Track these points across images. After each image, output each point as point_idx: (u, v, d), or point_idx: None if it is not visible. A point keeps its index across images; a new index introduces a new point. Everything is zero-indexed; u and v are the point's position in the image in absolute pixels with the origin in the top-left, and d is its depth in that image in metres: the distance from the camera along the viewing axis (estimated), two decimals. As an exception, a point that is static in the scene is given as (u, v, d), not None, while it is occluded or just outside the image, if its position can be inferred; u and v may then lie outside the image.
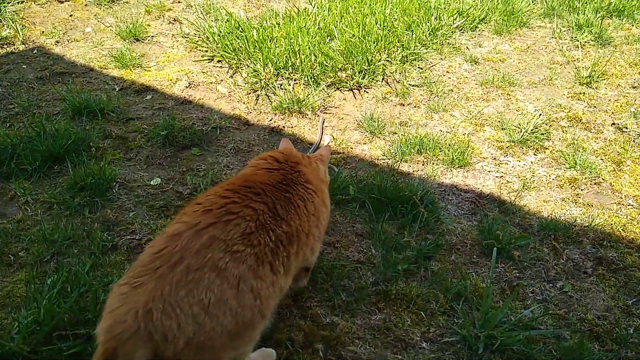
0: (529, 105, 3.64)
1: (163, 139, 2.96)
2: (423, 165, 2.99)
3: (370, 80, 3.77)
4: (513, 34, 4.73)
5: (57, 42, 3.97)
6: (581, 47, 4.53)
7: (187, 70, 3.75)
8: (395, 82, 3.81)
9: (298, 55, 3.78)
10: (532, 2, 5.42)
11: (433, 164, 3.00)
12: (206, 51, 4.02)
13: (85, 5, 4.58)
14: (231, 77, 3.74)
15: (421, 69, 4.00)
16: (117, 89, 3.49)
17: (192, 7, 4.70)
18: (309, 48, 3.83)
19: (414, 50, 4.13)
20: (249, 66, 3.79)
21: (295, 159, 1.86)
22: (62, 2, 4.57)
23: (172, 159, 2.91)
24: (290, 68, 3.74)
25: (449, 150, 3.03)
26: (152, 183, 2.72)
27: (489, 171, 2.97)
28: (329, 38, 4.15)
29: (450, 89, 3.77)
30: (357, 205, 2.61)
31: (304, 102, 3.39)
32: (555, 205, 2.76)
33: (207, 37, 4.11)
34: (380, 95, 3.63)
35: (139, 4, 4.66)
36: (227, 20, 4.22)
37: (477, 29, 4.78)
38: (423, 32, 4.39)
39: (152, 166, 2.85)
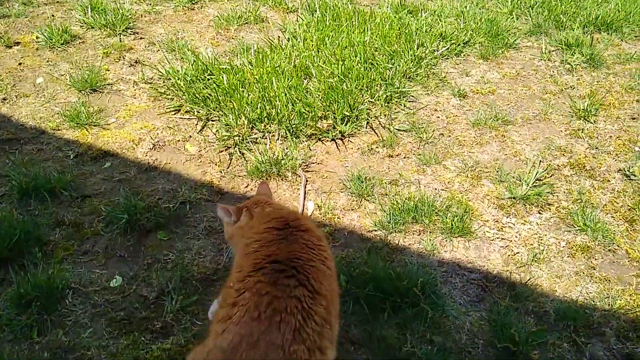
0: (526, 148, 3.30)
1: (124, 224, 2.54)
2: (419, 235, 2.63)
3: (354, 127, 3.40)
4: (500, 57, 4.40)
5: (4, 99, 3.51)
6: (573, 70, 4.21)
7: (152, 127, 3.33)
8: (381, 127, 3.44)
9: (273, 104, 3.38)
10: (517, 18, 5.09)
11: (430, 233, 2.64)
12: (171, 99, 3.60)
13: (37, 49, 4.10)
14: (200, 131, 3.33)
15: (407, 108, 3.64)
16: (71, 156, 3.06)
17: (154, 44, 4.25)
18: (285, 94, 3.43)
19: (399, 87, 3.75)
20: (219, 119, 3.38)
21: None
22: (11, 47, 4.09)
23: (135, 247, 2.51)
24: (265, 119, 3.34)
25: (446, 217, 2.68)
26: (111, 285, 2.32)
27: (492, 239, 2.63)
28: (305, 79, 3.75)
29: (440, 132, 3.41)
30: (351, 302, 2.24)
31: (282, 163, 2.99)
32: (569, 282, 2.43)
33: (172, 83, 3.67)
34: (366, 145, 3.25)
35: (96, 45, 4.20)
36: (194, 62, 3.79)
37: (462, 54, 4.44)
38: (406, 63, 4.02)
39: (112, 260, 2.44)
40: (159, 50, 4.22)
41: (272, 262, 1.52)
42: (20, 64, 3.88)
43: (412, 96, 3.79)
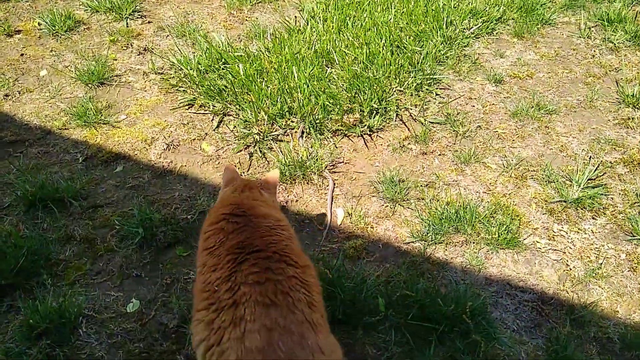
0: (573, 141, 3.00)
1: (140, 239, 2.31)
2: (462, 247, 2.38)
3: (383, 121, 3.10)
4: (536, 36, 4.03)
5: (7, 95, 3.25)
6: (616, 49, 3.85)
7: (164, 124, 3.06)
8: (412, 119, 3.14)
9: (295, 96, 3.09)
10: (551, -10, 4.67)
11: (475, 244, 2.39)
12: (184, 91, 3.32)
13: (39, 37, 3.81)
14: (217, 128, 3.06)
15: (439, 96, 3.32)
16: (80, 160, 2.81)
17: (163, 29, 3.94)
18: (307, 85, 3.13)
19: (430, 72, 3.43)
20: (237, 114, 3.10)
21: (247, 200, 1.75)
22: (12, 36, 3.81)
23: (153, 265, 2.28)
24: (286, 114, 3.05)
25: (491, 225, 2.41)
26: (128, 310, 2.11)
27: (544, 251, 2.36)
28: (328, 66, 3.44)
29: (477, 124, 3.11)
30: (392, 330, 2.01)
31: (308, 165, 2.72)
32: (632, 301, 2.17)
33: (184, 74, 3.39)
34: (397, 141, 2.97)
35: (101, 31, 3.90)
36: (207, 50, 3.49)
37: (495, 32, 4.08)
38: (436, 45, 3.68)
39: (128, 280, 2.22)
40: (168, 35, 3.91)
41: (252, 252, 1.47)
42: (22, 54, 3.61)
43: (444, 83, 3.46)
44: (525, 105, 3.22)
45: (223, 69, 3.43)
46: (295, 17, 4.16)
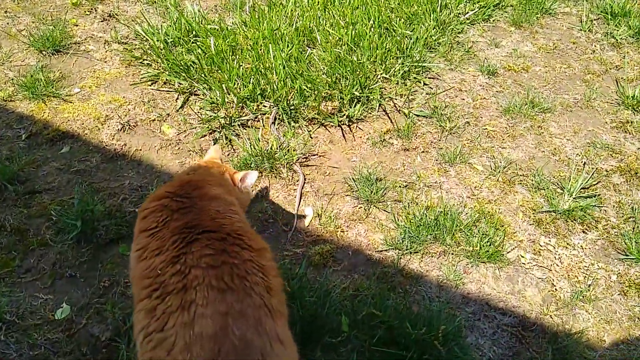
0: (567, 144, 2.75)
1: (78, 234, 2.03)
2: (440, 258, 2.14)
3: (364, 110, 2.82)
4: (534, 26, 3.75)
5: (-53, 58, 2.90)
6: (619, 45, 3.58)
7: (122, 100, 2.75)
8: (396, 110, 2.86)
9: (269, 78, 2.78)
10: (553, -23, 4.36)
11: (453, 255, 2.14)
12: (148, 65, 2.99)
13: (-6, -5, 3.43)
14: (181, 108, 2.75)
15: (428, 86, 3.05)
16: (23, 137, 2.50)
17: (133, -6, 3.58)
18: (284, 66, 2.83)
19: (419, 59, 3.14)
20: (204, 93, 2.79)
21: (197, 183, 1.57)
22: (-38, -8, 3.42)
23: (90, 264, 2.01)
24: (258, 97, 2.75)
25: (473, 235, 2.17)
26: (57, 316, 1.83)
27: (528, 268, 2.13)
28: (309, 46, 3.13)
29: (466, 119, 2.84)
30: (354, 353, 1.77)
31: (277, 156, 2.45)
32: (620, 329, 1.95)
33: (150, 46, 3.06)
34: (378, 134, 2.70)
35: (64, -8, 3.53)
36: (177, 21, 3.15)
37: (492, 19, 3.78)
38: (427, 29, 3.38)
39: (61, 280, 1.95)
40: (137, 2, 3.55)
41: (203, 232, 1.32)
42: (-29, 13, 3.23)
43: (433, 72, 3.18)
44: (519, 102, 2.96)
45: (193, 42, 3.10)
46: (279, -10, 3.80)
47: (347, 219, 2.29)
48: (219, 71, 2.85)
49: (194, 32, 3.13)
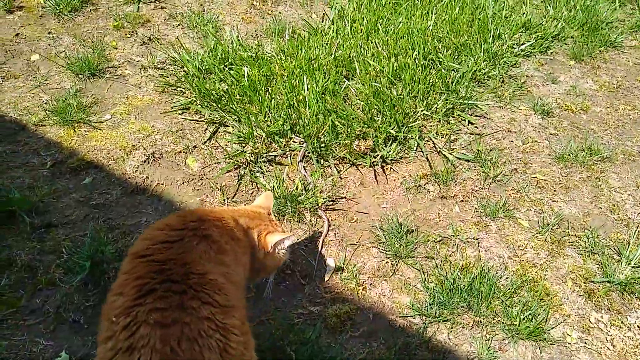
0: (627, 200, 2.43)
1: (86, 275, 1.92)
2: (472, 329, 1.88)
3: (401, 150, 2.60)
4: (596, 60, 3.41)
5: (-12, 79, 2.92)
6: (694, 85, 3.19)
7: (151, 130, 2.66)
8: (435, 151, 2.63)
9: (301, 112, 2.62)
10: (620, 6, 4.00)
11: (488, 327, 1.88)
12: (182, 92, 2.90)
13: (41, 16, 3.47)
14: (208, 140, 2.64)
15: (473, 125, 2.80)
16: (48, 164, 2.45)
17: (175, 17, 3.53)
18: (317, 100, 2.66)
19: (465, 95, 2.89)
20: (233, 126, 2.67)
21: (197, 214, 1.46)
22: (12, 12, 3.47)
23: (96, 310, 1.90)
24: (288, 132, 2.59)
25: (513, 305, 1.90)
26: (54, 367, 1.71)
27: (575, 349, 1.85)
28: (347, 77, 2.96)
29: (514, 165, 2.57)
30: None
31: (302, 199, 2.27)
32: None
33: (185, 73, 2.97)
34: (413, 178, 2.47)
35: (109, 14, 3.52)
36: (213, 49, 3.05)
37: (549, 51, 3.47)
38: (477, 62, 3.13)
39: (64, 325, 1.85)
40: (179, 25, 3.50)
41: (163, 282, 1.19)
42: (17, 34, 3.27)
43: (480, 108, 2.92)
44: (575, 148, 2.66)
45: (228, 70, 2.99)
46: (324, 13, 3.67)
47: (371, 275, 2.08)
48: (250, 103, 2.72)
49: (230, 60, 3.01)
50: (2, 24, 3.33)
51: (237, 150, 2.54)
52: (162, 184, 2.41)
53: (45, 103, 2.77)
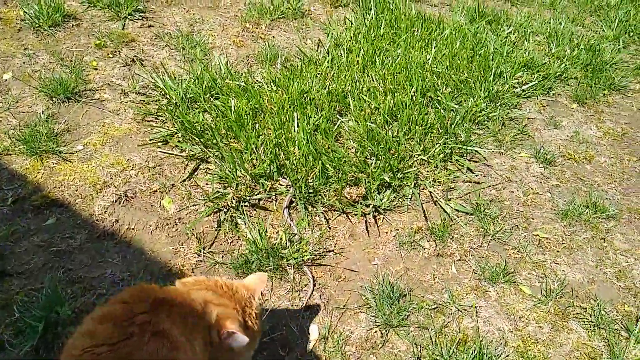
0: (634, 266, 2.25)
1: (39, 337, 1.68)
2: (467, 417, 1.66)
3: (394, 198, 2.39)
4: (600, 104, 3.25)
5: (-48, 99, 2.66)
6: (701, 137, 3.04)
7: (126, 164, 2.43)
8: (431, 200, 2.42)
9: (290, 152, 2.41)
10: (624, 47, 3.86)
11: (484, 416, 1.66)
12: (163, 122, 2.68)
13: (19, 29, 3.22)
14: (188, 178, 2.41)
15: (471, 171, 2.60)
16: (9, 201, 2.20)
17: (162, 38, 3.31)
18: (308, 140, 2.45)
19: (464, 139, 2.70)
20: (215, 163, 2.44)
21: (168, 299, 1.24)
22: (-13, 24, 3.22)
23: (46, 381, 1.64)
24: (275, 174, 2.38)
25: (513, 394, 1.69)
26: None
27: None
28: (340, 115, 2.75)
29: (514, 222, 2.38)
30: None
31: (286, 253, 2.05)
32: None
33: (167, 101, 2.75)
34: (407, 232, 2.27)
35: (91, 31, 3.29)
36: (199, 76, 2.83)
37: (552, 92, 3.30)
38: (477, 104, 2.94)
39: (6, 401, 1.59)
40: (166, 45, 3.27)
41: None
42: (-10, 49, 3.02)
43: (480, 153, 2.73)
44: (578, 203, 2.47)
45: (215, 98, 2.78)
46: (319, 41, 3.48)
47: (358, 346, 1.86)
48: (235, 138, 2.50)
49: (217, 88, 2.80)
50: (-25, 37, 3.08)
51: (218, 192, 2.31)
52: (133, 229, 2.17)
53: (14, 129, 2.52)
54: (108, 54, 3.12)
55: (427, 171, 2.58)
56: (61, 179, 2.33)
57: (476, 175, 2.62)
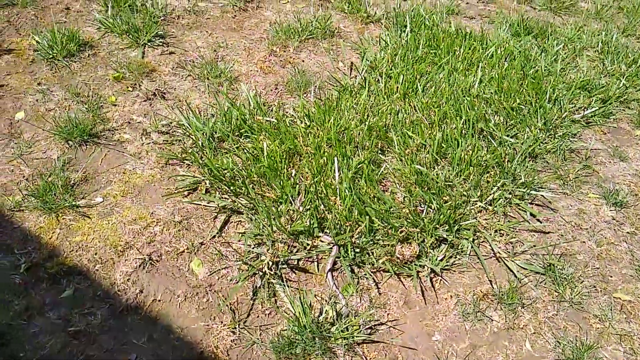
0: None
1: None
2: None
3: (452, 256, 2.08)
4: (668, 129, 2.89)
5: (-39, 146, 2.43)
6: None
7: (149, 219, 2.16)
8: (493, 256, 2.11)
9: (331, 202, 2.12)
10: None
11: None
12: (188, 166, 2.41)
13: (32, 61, 2.98)
14: (218, 234, 2.13)
15: (536, 218, 2.29)
16: (22, 268, 1.95)
17: (184, 67, 3.04)
18: (350, 188, 2.15)
19: (524, 179, 2.38)
20: (248, 215, 2.16)
21: None
22: (1, 56, 2.99)
23: None
24: (315, 229, 2.08)
25: None
26: None
27: None
28: (382, 151, 2.46)
29: (591, 280, 2.06)
30: None
31: (334, 330, 1.76)
32: None
33: (193, 142, 2.48)
34: (470, 297, 1.96)
35: (109, 60, 3.03)
36: (227, 113, 2.55)
37: (612, 117, 2.95)
38: (534, 134, 2.62)
39: None
40: (189, 75, 3.00)
41: None
42: (2, 85, 2.78)
43: (542, 196, 2.40)
44: (663, 257, 2.13)
45: (245, 137, 2.50)
46: (351, 64, 3.17)
47: None
48: (269, 186, 2.21)
49: (247, 126, 2.52)
50: (-12, 71, 2.85)
51: (252, 252, 2.03)
52: (159, 300, 1.91)
53: (27, 179, 2.27)
54: (127, 87, 2.87)
55: (485, 219, 2.26)
56: (79, 240, 2.07)
57: (541, 223, 2.29)
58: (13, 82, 2.83)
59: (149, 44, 3.21)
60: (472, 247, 2.12)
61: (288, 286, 1.97)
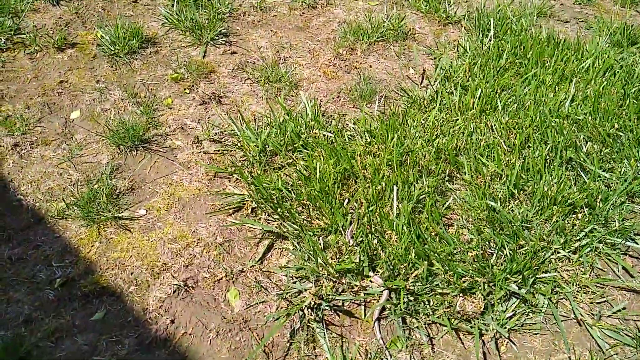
0: None
1: None
2: None
3: (524, 313, 1.76)
4: None
5: (16, 145, 2.41)
6: None
7: (190, 239, 2.01)
8: (575, 319, 1.77)
9: (385, 236, 1.86)
10: None
11: None
12: (237, 179, 2.23)
13: (94, 57, 2.93)
14: (260, 260, 1.94)
15: (628, 273, 1.90)
16: (57, 283, 1.86)
17: (244, 68, 2.87)
18: (409, 222, 1.88)
19: (619, 226, 1.99)
20: (294, 242, 1.95)
21: None
22: (63, 51, 2.97)
23: None
24: (365, 268, 1.84)
25: None
26: None
27: None
28: (448, 179, 2.15)
29: (696, 363, 1.65)
30: None
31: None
32: None
33: (243, 154, 2.31)
34: (542, 370, 1.64)
35: (169, 59, 2.92)
36: (281, 126, 2.35)
37: None
38: (634, 169, 2.20)
39: None
40: (247, 78, 2.83)
41: None
42: (62, 81, 2.74)
43: (635, 240, 2.01)
44: None
45: (299, 151, 2.29)
46: (423, 71, 2.86)
47: None
48: (319, 211, 1.99)
49: (302, 139, 2.30)
50: (49, 65, 2.83)
51: (294, 289, 1.82)
52: (190, 334, 1.75)
53: (73, 185, 2.19)
54: (185, 89, 2.74)
55: (568, 273, 1.91)
56: (116, 257, 1.96)
57: (632, 278, 1.91)
58: (73, 78, 2.78)
59: (211, 42, 3.07)
60: (548, 305, 1.79)
61: (329, 330, 1.75)
